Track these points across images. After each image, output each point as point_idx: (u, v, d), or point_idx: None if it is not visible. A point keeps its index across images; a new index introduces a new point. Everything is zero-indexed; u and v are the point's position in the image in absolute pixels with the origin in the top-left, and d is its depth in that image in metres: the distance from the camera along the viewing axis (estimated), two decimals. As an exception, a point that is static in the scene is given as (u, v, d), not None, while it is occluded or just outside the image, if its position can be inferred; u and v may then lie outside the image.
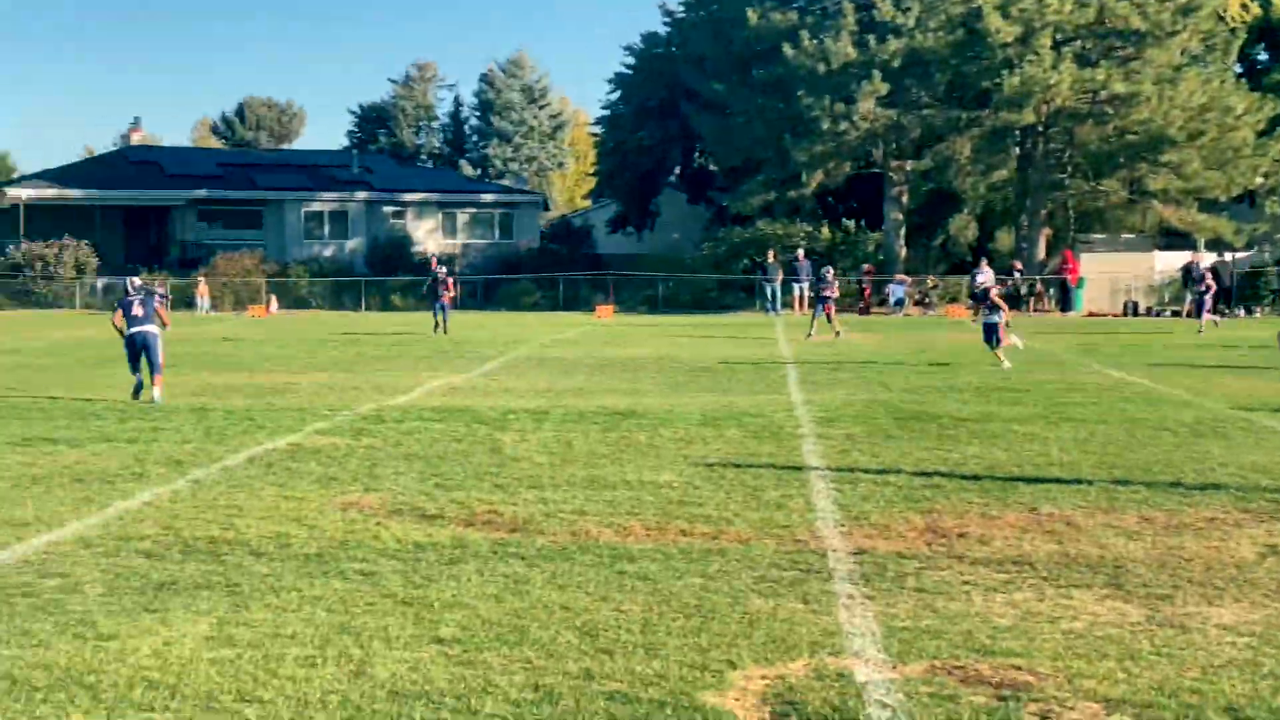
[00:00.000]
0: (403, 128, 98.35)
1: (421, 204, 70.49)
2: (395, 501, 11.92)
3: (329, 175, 71.28)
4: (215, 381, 23.53)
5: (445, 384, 23.09)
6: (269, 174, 70.85)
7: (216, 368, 26.86)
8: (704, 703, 6.63)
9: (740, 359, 28.93)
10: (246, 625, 7.94)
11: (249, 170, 71.30)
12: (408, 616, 8.16)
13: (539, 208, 74.90)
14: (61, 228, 62.01)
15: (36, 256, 60.19)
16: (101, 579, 9.04)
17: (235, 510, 11.46)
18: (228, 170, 70.74)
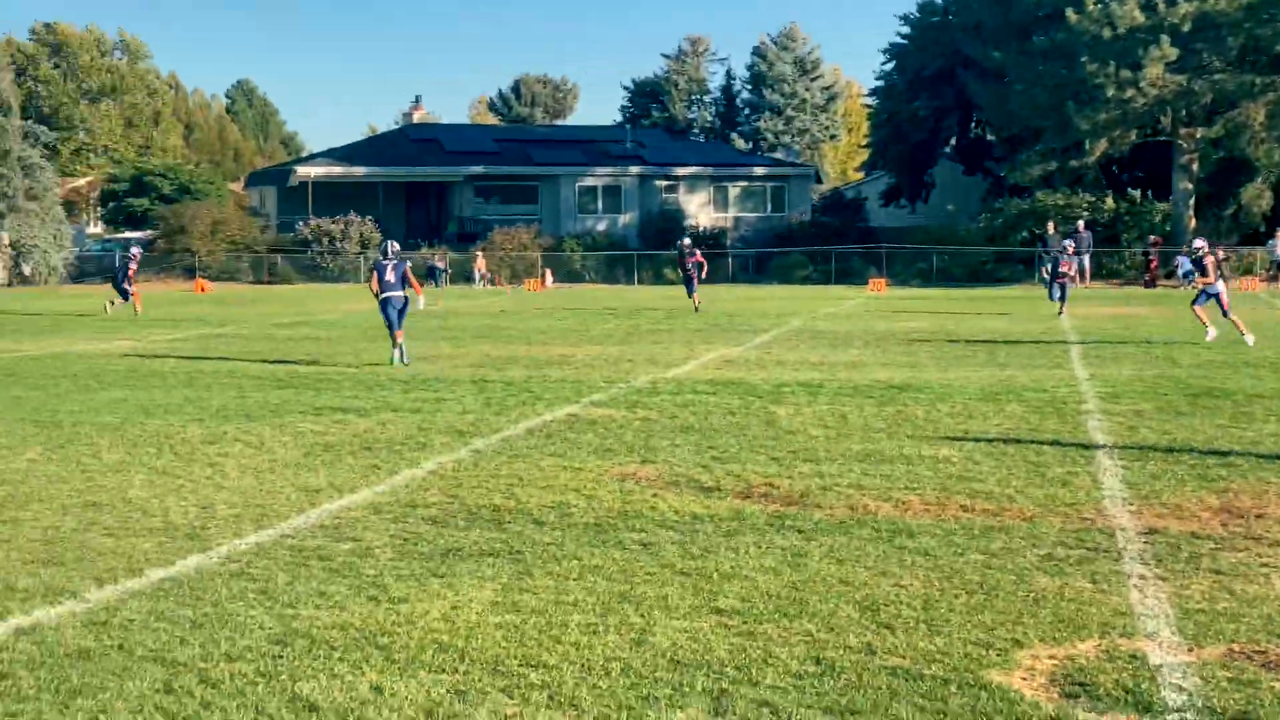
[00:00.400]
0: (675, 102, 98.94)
1: (693, 178, 70.81)
2: (672, 473, 12.02)
3: (603, 150, 72.11)
4: (494, 354, 24.10)
5: (719, 357, 23.19)
6: (544, 150, 72.04)
7: (495, 340, 27.50)
8: (990, 681, 6.53)
9: (1019, 333, 28.31)
10: (530, 592, 8.11)
11: (525, 146, 72.60)
12: (686, 586, 8.23)
13: (811, 180, 74.49)
14: (346, 204, 64.21)
15: (324, 232, 62.44)
16: (391, 544, 9.35)
17: (516, 480, 11.72)
18: (504, 146, 72.14)
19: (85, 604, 7.76)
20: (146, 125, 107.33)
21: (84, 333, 30.09)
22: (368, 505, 10.63)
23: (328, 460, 12.68)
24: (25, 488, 11.31)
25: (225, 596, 7.94)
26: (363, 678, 6.54)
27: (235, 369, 21.08)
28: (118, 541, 9.35)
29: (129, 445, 13.55)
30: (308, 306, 41.61)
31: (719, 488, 11.36)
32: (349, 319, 34.43)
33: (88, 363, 22.39)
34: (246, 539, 9.44)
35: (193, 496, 10.97)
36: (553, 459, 12.78)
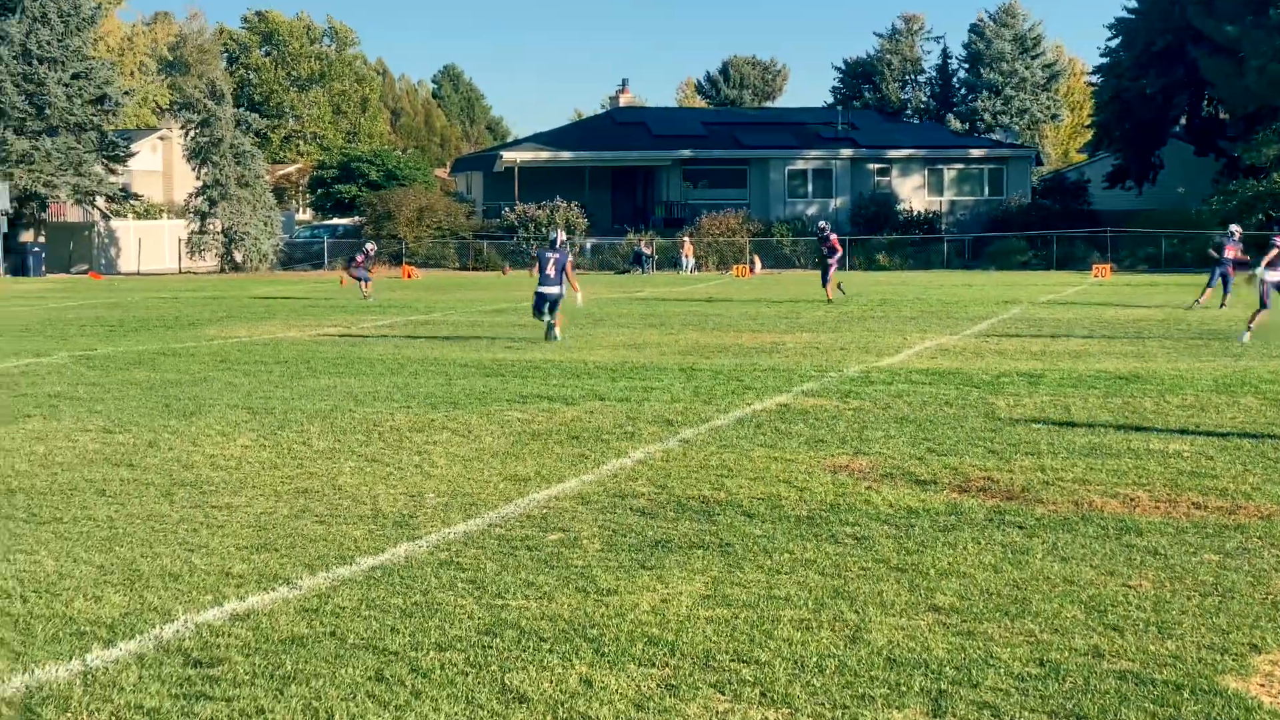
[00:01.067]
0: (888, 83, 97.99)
1: (907, 161, 70.10)
2: (886, 465, 11.92)
3: (813, 133, 71.80)
4: (702, 341, 24.16)
5: (934, 345, 22.92)
6: (753, 133, 71.96)
7: (703, 328, 27.56)
8: (1225, 687, 6.34)
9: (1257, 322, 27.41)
10: (741, 585, 8.11)
11: (733, 129, 72.62)
12: (902, 583, 8.15)
13: (1030, 162, 73.16)
14: (552, 189, 64.99)
15: (529, 217, 63.25)
16: (599, 534, 9.43)
17: (725, 470, 11.73)
18: (712, 130, 72.26)
19: (298, 590, 7.98)
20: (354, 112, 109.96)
21: (294, 319, 30.96)
22: (575, 495, 10.74)
23: (535, 449, 12.84)
24: (239, 474, 11.68)
25: (435, 585, 8.09)
26: (572, 670, 6.61)
27: (442, 356, 21.48)
28: (328, 529, 9.60)
29: (338, 433, 13.91)
30: (513, 293, 42.20)
31: (935, 481, 11.23)
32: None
33: (298, 349, 23.04)
34: (455, 528, 9.61)
35: (401, 484, 11.21)
36: (763, 449, 12.77)
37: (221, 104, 65.74)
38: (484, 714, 6.05)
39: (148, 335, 26.33)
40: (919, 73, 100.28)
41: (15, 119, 61.99)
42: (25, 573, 8.40)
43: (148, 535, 9.39)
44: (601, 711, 6.07)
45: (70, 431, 13.96)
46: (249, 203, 65.09)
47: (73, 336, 26.15)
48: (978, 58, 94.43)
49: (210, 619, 7.42)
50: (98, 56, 70.41)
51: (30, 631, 7.24)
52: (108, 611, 7.58)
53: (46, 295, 43.20)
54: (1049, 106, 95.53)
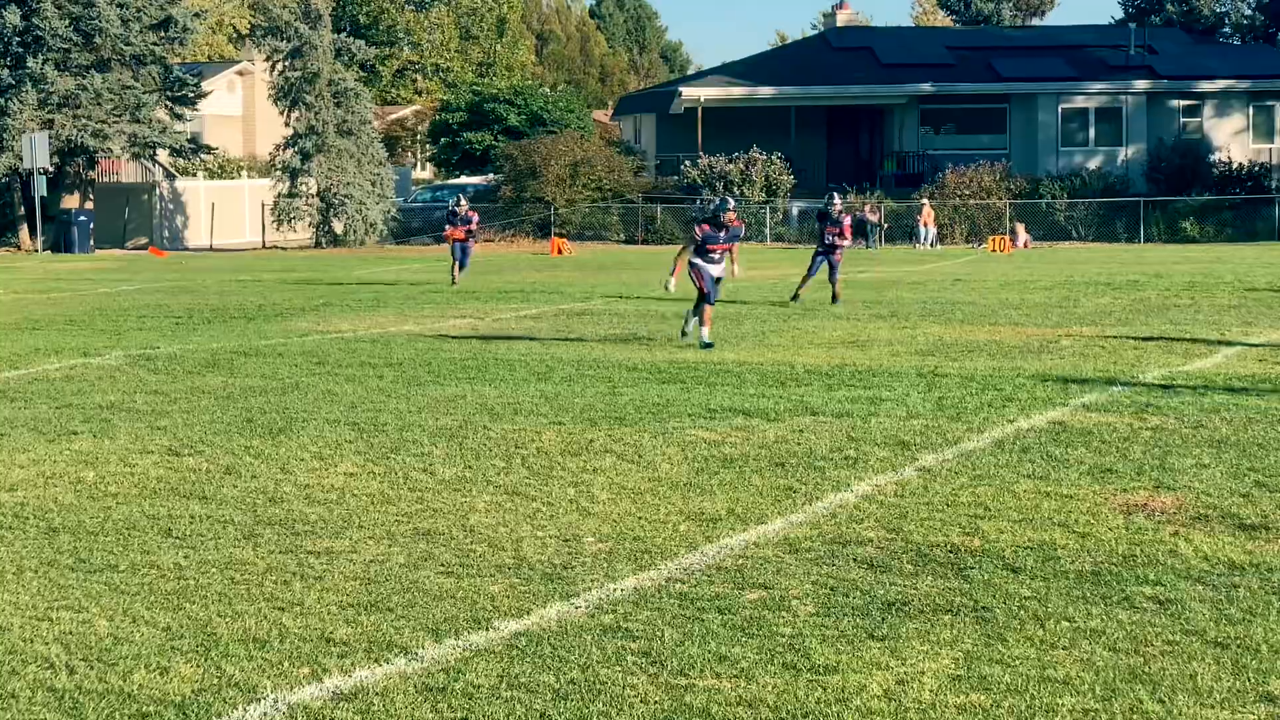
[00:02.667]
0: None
1: (1224, 95, 68.95)
2: (1199, 504, 11.75)
3: (1096, 59, 70.93)
4: (948, 338, 24.02)
5: (1265, 343, 22.52)
6: (1014, 60, 71.31)
7: (948, 319, 27.40)
8: None
9: None
10: (1002, 664, 8.04)
11: (988, 55, 72.04)
12: (1224, 663, 8.02)
13: (1400, 95, 71.47)
14: (748, 137, 64.96)
15: (718, 174, 63.24)
16: (814, 593, 9.41)
17: (981, 510, 11.64)
18: (960, 56, 71.75)
19: (418, 663, 8.07)
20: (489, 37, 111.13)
21: (411, 309, 31.36)
22: (781, 541, 10.73)
23: (726, 480, 12.86)
24: (341, 509, 11.86)
25: (597, 659, 8.14)
26: (779, 773, 6.60)
27: (604, 357, 21.60)
28: (458, 582, 9.70)
29: (470, 456, 14.05)
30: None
31: (1268, 526, 11.04)
32: (752, 288, 34.81)
33: (416, 347, 23.34)
34: (622, 583, 9.66)
35: (552, 525, 11.29)
36: (1031, 481, 12.65)
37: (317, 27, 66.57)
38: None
39: (223, 329, 26.88)
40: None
41: (57, 50, 63.13)
42: (72, 636, 8.61)
43: (225, 589, 9.58)
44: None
45: (127, 454, 14.30)
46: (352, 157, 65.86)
47: (129, 331, 26.79)
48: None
49: (306, 698, 7.54)
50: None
51: (80, 713, 7.41)
52: (176, 687, 7.74)
53: (96, 277, 44.30)
54: None
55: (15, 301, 29.65)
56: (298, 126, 66.09)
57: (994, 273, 42.14)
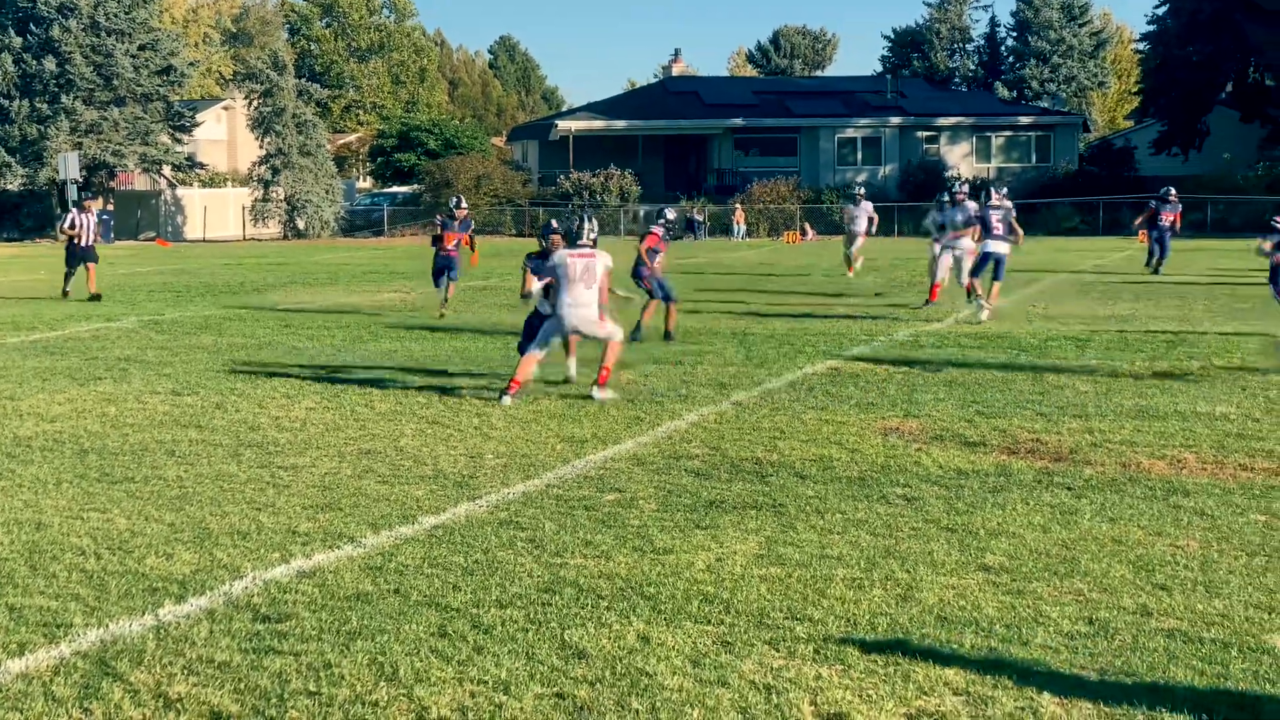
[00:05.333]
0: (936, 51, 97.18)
1: (955, 128, 69.58)
2: (936, 427, 11.87)
3: (862, 101, 71.33)
4: (755, 306, 24.09)
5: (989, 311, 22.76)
6: (803, 101, 71.58)
7: (756, 293, 27.47)
8: (1272, 645, 6.30)
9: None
10: (794, 545, 8.11)
11: (784, 98, 72.23)
12: (952, 543, 8.13)
13: (1077, 130, 72.46)
14: (607, 158, 64.89)
15: (584, 185, 63.24)
16: (655, 495, 9.44)
17: (778, 433, 11.71)
18: (763, 99, 71.90)
19: (362, 549, 8.03)
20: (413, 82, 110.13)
21: (357, 284, 31.06)
22: (631, 457, 10.75)
23: (591, 412, 12.85)
24: (304, 435, 11.75)
25: (495, 544, 8.13)
26: (630, 627, 6.63)
27: (501, 321, 21.50)
28: (391, 489, 9.65)
29: (400, 395, 13.96)
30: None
31: (984, 443, 11.18)
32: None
33: (360, 313, 23.12)
34: (514, 488, 9.64)
35: (461, 445, 11.25)
36: (814, 412, 12.74)
37: (284, 74, 65.94)
38: (544, 669, 6.08)
39: (213, 300, 26.49)
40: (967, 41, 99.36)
41: (84, 89, 62.29)
42: (99, 530, 8.49)
43: (216, 494, 9.47)
44: (659, 667, 6.08)
45: (140, 394, 14.07)
46: (311, 171, 65.31)
47: (141, 302, 26.34)
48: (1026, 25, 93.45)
49: (278, 576, 7.48)
50: (164, 28, 70.68)
51: (105, 587, 7.31)
52: (179, 568, 7.65)
53: (115, 261, 43.47)
54: (1096, 74, 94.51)
55: (53, 280, 29.07)
56: (269, 148, 65.71)
57: (788, 259, 42.32)
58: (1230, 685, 5.83)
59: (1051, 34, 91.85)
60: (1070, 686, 5.83)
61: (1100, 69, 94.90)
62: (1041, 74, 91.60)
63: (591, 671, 6.04)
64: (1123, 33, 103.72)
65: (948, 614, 6.80)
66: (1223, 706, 5.60)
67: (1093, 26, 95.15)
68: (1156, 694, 5.73)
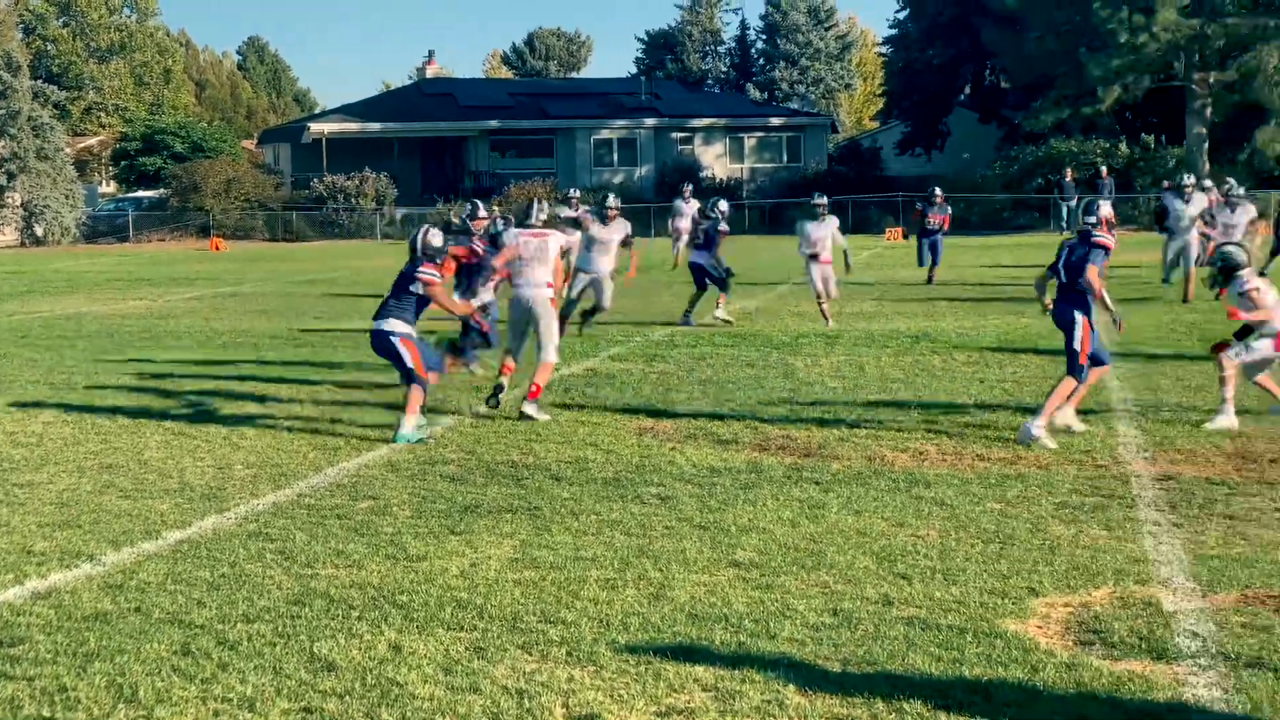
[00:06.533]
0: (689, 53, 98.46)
1: (709, 129, 70.55)
2: (690, 426, 12.03)
3: (617, 103, 71.82)
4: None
5: (737, 308, 23.13)
6: (559, 103, 71.78)
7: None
8: (1005, 629, 6.54)
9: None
10: (548, 548, 8.14)
11: (539, 100, 72.34)
12: (704, 540, 8.25)
13: (826, 130, 74.16)
14: (361, 160, 64.07)
15: (339, 189, 62.39)
16: (410, 501, 9.38)
17: (534, 435, 11.73)
18: (519, 100, 71.89)
19: (101, 567, 7.80)
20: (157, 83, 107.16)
21: (99, 293, 30.11)
22: (386, 463, 10.65)
23: (346, 419, 12.69)
24: (40, 450, 11.36)
25: (243, 557, 7.97)
26: (381, 636, 6.57)
27: (252, 328, 21.11)
28: (134, 503, 9.39)
29: (145, 405, 13.58)
30: (325, 263, 41.58)
31: (736, 440, 11.37)
32: (366, 276, 34.37)
33: (102, 323, 22.43)
34: (264, 499, 9.48)
35: (210, 456, 11.01)
36: (571, 413, 12.80)
37: (18, 76, 63.48)
38: (292, 683, 5.98)
39: (-53, 312, 25.39)
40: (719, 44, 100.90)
41: None
42: None
43: (-53, 515, 9.08)
44: (410, 676, 6.04)
45: None
46: (49, 176, 62.97)
47: None
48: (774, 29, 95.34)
49: (10, 598, 7.22)
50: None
51: None
52: (-94, 594, 7.32)
53: None
54: (843, 76, 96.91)
55: None
56: (3, 153, 63.16)
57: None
58: (965, 670, 6.04)
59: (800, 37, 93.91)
60: (815, 677, 5.97)
61: (847, 71, 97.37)
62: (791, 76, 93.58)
63: (341, 684, 5.97)
64: (867, 36, 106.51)
65: (699, 611, 6.90)
66: (958, 691, 5.80)
67: (839, 30, 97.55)
68: (896, 681, 5.91)
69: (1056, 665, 6.06)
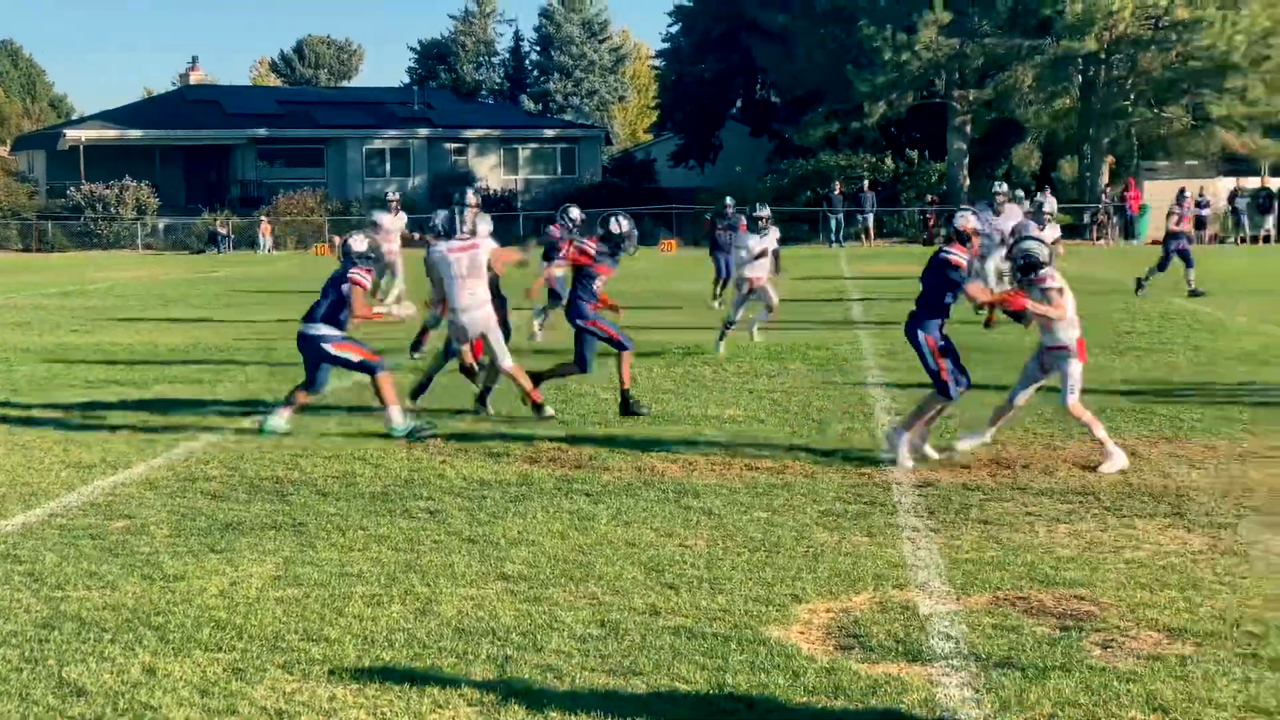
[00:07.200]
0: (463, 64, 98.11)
1: (483, 140, 70.43)
2: (463, 438, 11.96)
3: (390, 112, 71.25)
4: (282, 321, 23.64)
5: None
6: (329, 112, 70.86)
7: (281, 307, 26.97)
8: (769, 636, 6.65)
9: (805, 292, 28.82)
10: (313, 565, 8.01)
11: (309, 108, 71.33)
12: (473, 554, 8.21)
13: (600, 142, 74.64)
14: (121, 169, 62.34)
15: (97, 198, 60.59)
16: (168, 520, 9.14)
17: (300, 450, 11.54)
18: (288, 109, 70.79)
19: None
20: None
21: None
22: (143, 481, 10.37)
23: (101, 435, 12.32)
24: None
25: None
26: (135, 659, 6.39)
27: (4, 340, 20.37)
28: (-125, 526, 8.98)
29: (-111, 424, 13.01)
30: (82, 274, 40.34)
31: (507, 453, 11.35)
32: (124, 287, 33.47)
33: None
34: (12, 520, 9.14)
35: (-43, 476, 10.58)
36: (340, 425, 12.62)
37: None
38: (39, 710, 5.78)
39: None
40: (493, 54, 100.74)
41: None
42: None
43: None
44: (164, 700, 5.89)
45: None
46: None
47: None
48: (548, 40, 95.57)
49: None
50: None
51: None
52: None
53: None
54: (617, 89, 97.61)
55: None
56: None
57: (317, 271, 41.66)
58: (729, 677, 6.12)
59: (574, 49, 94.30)
60: (581, 690, 5.99)
61: (620, 84, 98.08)
62: (565, 88, 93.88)
63: (91, 709, 5.79)
64: (641, 50, 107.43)
65: (466, 625, 6.87)
66: (722, 699, 5.87)
67: (612, 43, 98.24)
68: (661, 691, 5.96)
69: (817, 670, 6.18)
